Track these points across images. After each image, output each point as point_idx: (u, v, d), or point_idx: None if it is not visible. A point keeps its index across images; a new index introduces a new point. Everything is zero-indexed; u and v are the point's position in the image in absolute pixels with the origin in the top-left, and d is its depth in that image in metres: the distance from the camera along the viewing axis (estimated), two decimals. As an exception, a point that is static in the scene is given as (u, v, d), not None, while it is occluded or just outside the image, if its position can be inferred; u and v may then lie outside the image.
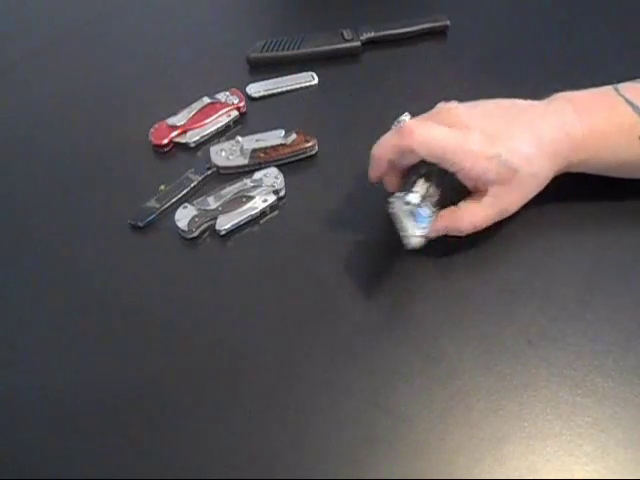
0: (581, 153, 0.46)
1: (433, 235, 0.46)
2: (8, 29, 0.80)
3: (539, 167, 0.46)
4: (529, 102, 0.48)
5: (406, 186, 0.45)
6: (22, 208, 0.56)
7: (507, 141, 0.45)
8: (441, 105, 0.48)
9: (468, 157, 0.44)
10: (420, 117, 0.49)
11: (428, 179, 0.45)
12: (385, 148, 0.46)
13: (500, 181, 0.45)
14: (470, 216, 0.46)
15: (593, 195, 0.50)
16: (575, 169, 0.48)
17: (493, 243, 0.49)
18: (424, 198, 0.44)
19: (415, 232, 0.42)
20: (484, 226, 0.47)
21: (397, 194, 0.44)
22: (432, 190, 0.46)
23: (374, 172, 0.49)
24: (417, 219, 0.43)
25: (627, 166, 0.48)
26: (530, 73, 0.63)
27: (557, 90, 0.49)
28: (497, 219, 0.47)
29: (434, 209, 0.45)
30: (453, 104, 0.48)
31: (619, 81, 0.49)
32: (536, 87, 0.48)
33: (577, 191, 0.50)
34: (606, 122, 0.47)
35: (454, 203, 0.47)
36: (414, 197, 0.43)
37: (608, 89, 0.48)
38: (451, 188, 0.47)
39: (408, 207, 0.43)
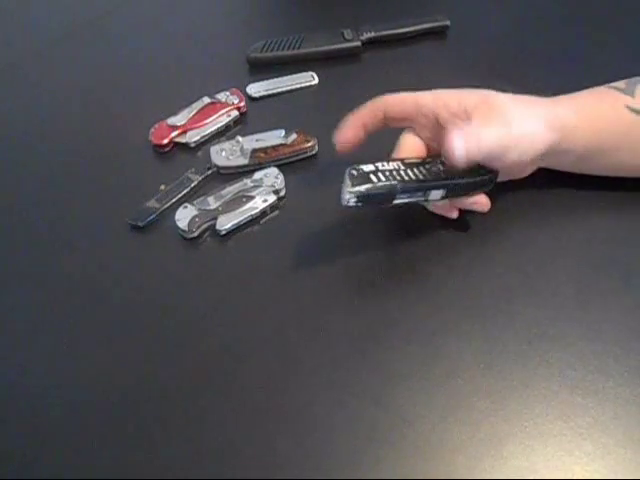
0: (574, 119, 0.47)
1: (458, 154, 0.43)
2: (8, 29, 0.80)
3: (525, 107, 0.47)
4: None
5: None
6: (21, 208, 0.56)
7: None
8: None
9: (436, 98, 0.48)
10: None
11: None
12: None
13: (479, 107, 0.46)
14: (474, 127, 0.45)
15: (594, 195, 0.50)
16: (570, 143, 0.47)
17: (493, 243, 0.49)
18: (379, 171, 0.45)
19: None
20: (492, 144, 0.44)
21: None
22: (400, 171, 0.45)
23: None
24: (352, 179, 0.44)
25: (620, 143, 0.48)
26: (530, 72, 0.63)
27: (558, 89, 0.49)
28: (496, 142, 0.45)
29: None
30: None
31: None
32: (537, 86, 0.48)
33: (579, 191, 0.51)
34: (593, 96, 0.49)
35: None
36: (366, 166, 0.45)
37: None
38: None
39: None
